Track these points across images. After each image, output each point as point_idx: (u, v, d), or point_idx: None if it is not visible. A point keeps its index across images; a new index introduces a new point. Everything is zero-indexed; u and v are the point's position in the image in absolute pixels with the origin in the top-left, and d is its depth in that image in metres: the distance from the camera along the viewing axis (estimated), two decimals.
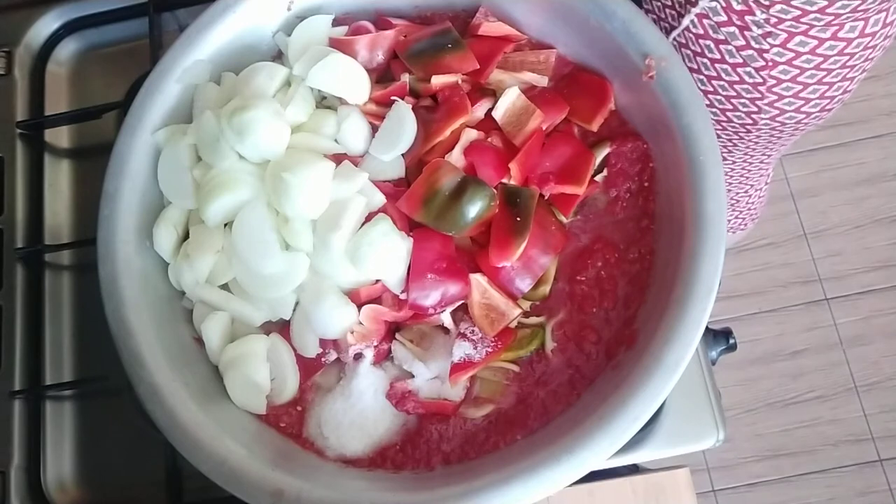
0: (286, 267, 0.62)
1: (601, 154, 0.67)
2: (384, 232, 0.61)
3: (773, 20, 0.71)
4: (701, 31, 0.78)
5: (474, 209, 0.61)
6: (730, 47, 0.77)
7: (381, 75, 0.71)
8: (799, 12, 0.69)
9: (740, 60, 0.78)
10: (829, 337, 1.60)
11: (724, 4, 0.73)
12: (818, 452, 1.54)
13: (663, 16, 0.82)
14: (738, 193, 1.17)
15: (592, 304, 0.64)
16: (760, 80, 0.79)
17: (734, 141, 0.93)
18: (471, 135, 0.66)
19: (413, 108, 0.67)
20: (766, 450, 1.55)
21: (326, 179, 0.62)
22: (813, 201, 1.68)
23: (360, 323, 0.62)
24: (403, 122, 0.65)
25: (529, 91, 0.68)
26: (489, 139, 0.66)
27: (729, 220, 1.24)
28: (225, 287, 0.65)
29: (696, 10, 0.76)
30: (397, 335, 0.64)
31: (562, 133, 0.68)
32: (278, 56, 0.72)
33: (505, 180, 0.65)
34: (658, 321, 0.58)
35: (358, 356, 0.63)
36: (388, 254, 0.61)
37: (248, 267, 0.62)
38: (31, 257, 0.78)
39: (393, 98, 0.67)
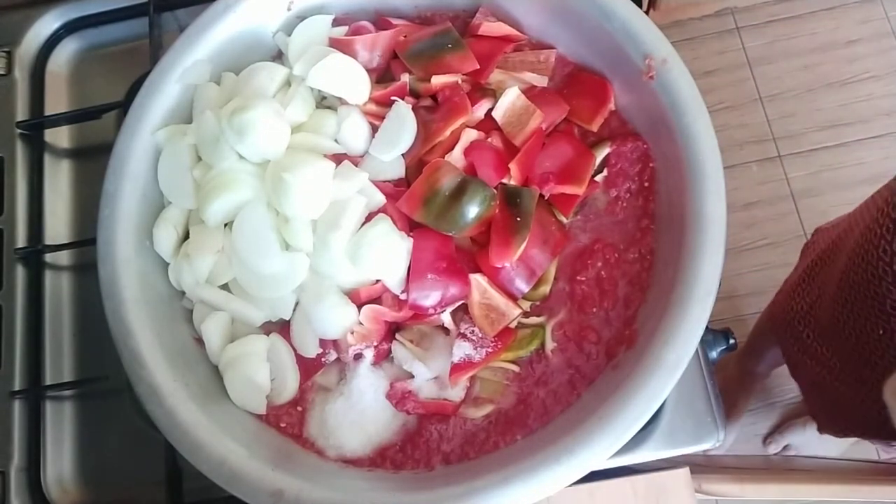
0: (286, 267, 0.62)
1: (601, 154, 0.67)
2: (384, 232, 0.61)
3: None
4: None
5: (474, 209, 0.61)
6: None
7: (381, 75, 0.71)
8: None
9: None
10: None
11: None
12: None
13: None
14: None
15: (592, 304, 0.64)
16: None
17: None
18: (471, 135, 0.66)
19: (413, 108, 0.67)
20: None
21: (326, 179, 0.62)
22: (813, 201, 1.68)
23: (360, 323, 0.62)
24: (403, 122, 0.65)
25: (529, 91, 0.68)
26: (489, 139, 0.66)
27: None
28: (225, 287, 0.65)
29: None
30: (397, 335, 0.64)
31: (562, 133, 0.68)
32: (278, 56, 0.72)
33: (505, 180, 0.65)
34: (658, 321, 0.58)
35: (358, 356, 0.63)
36: (388, 254, 0.61)
37: (248, 267, 0.62)
38: (31, 257, 0.78)
39: (393, 98, 0.67)
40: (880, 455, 1.50)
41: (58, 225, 0.81)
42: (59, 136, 0.84)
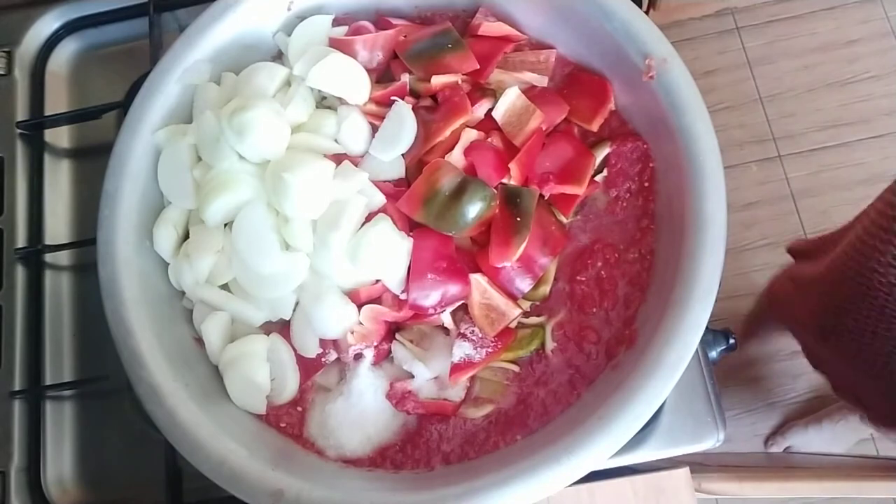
0: (286, 267, 0.62)
1: (601, 154, 0.67)
2: (384, 232, 0.61)
3: None
4: None
5: (474, 209, 0.61)
6: None
7: (381, 75, 0.71)
8: None
9: None
10: None
11: None
12: None
13: None
14: None
15: (592, 304, 0.64)
16: None
17: None
18: (471, 135, 0.66)
19: (413, 108, 0.67)
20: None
21: (326, 179, 0.62)
22: (813, 201, 1.68)
23: (360, 323, 0.62)
24: (403, 122, 0.65)
25: (529, 91, 0.68)
26: (489, 139, 0.66)
27: None
28: (225, 287, 0.65)
29: None
30: (397, 335, 0.64)
31: (562, 133, 0.68)
32: (278, 56, 0.72)
33: (505, 180, 0.65)
34: (658, 321, 0.58)
35: (358, 356, 0.63)
36: (388, 254, 0.61)
37: (248, 267, 0.62)
38: (31, 257, 0.78)
39: (393, 98, 0.67)
40: (879, 451, 1.51)
41: (58, 225, 0.81)
42: (59, 136, 0.84)
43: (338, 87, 0.66)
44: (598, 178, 0.67)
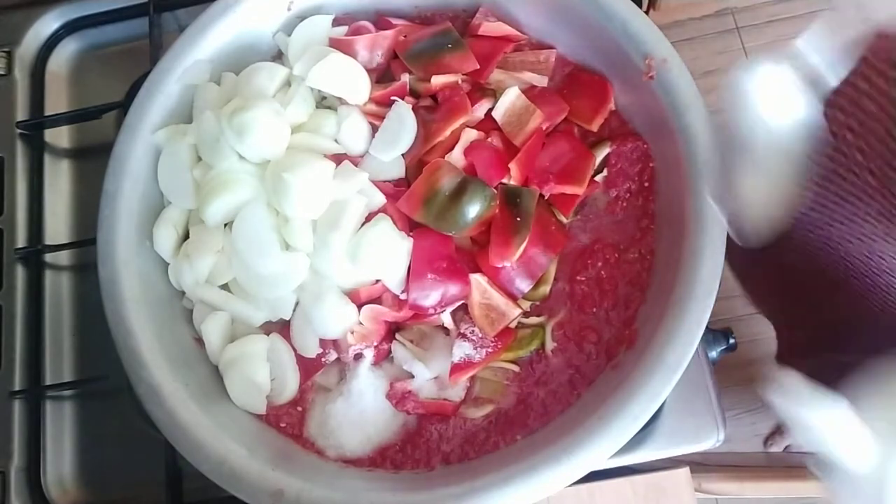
0: (286, 267, 0.62)
1: (601, 154, 0.67)
2: (384, 232, 0.61)
3: None
4: None
5: (474, 209, 0.61)
6: None
7: (381, 75, 0.71)
8: None
9: None
10: None
11: None
12: None
13: None
14: None
15: (592, 304, 0.64)
16: None
17: None
18: (471, 135, 0.66)
19: (413, 108, 0.67)
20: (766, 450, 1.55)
21: (326, 179, 0.62)
22: None
23: (360, 323, 0.62)
24: (403, 122, 0.65)
25: (529, 91, 0.68)
26: (489, 139, 0.66)
27: None
28: (225, 287, 0.65)
29: None
30: (397, 335, 0.64)
31: (562, 133, 0.68)
32: (278, 56, 0.72)
33: (505, 180, 0.65)
34: (658, 321, 0.58)
35: (358, 356, 0.63)
36: (388, 254, 0.61)
37: (248, 267, 0.62)
38: (31, 257, 0.78)
39: (393, 98, 0.67)
40: None
41: (58, 225, 0.81)
42: (59, 136, 0.84)
43: (338, 87, 0.66)
44: (598, 178, 0.67)
